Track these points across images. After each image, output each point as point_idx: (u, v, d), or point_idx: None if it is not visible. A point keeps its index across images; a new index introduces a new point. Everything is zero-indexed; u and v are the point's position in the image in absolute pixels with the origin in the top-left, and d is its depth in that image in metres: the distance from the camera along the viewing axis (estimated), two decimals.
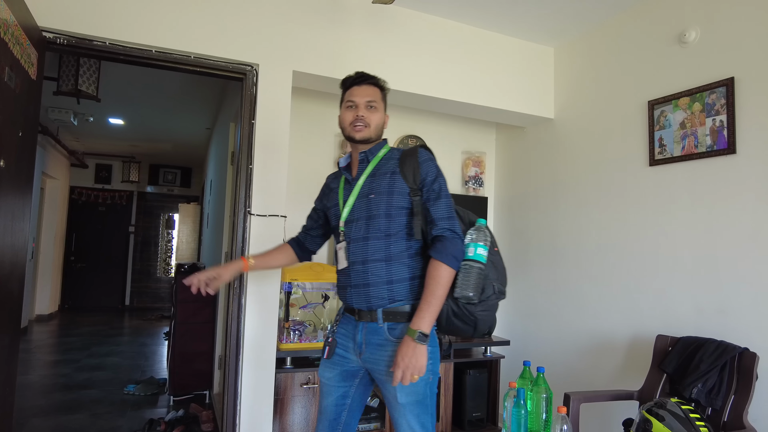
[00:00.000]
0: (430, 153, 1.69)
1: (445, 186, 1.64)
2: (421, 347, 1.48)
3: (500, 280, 1.64)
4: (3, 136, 1.73)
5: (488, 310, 1.60)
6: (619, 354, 2.71)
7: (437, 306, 1.52)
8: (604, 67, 2.93)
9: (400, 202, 1.61)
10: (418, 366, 1.47)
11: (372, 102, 1.69)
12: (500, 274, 1.65)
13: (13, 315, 1.96)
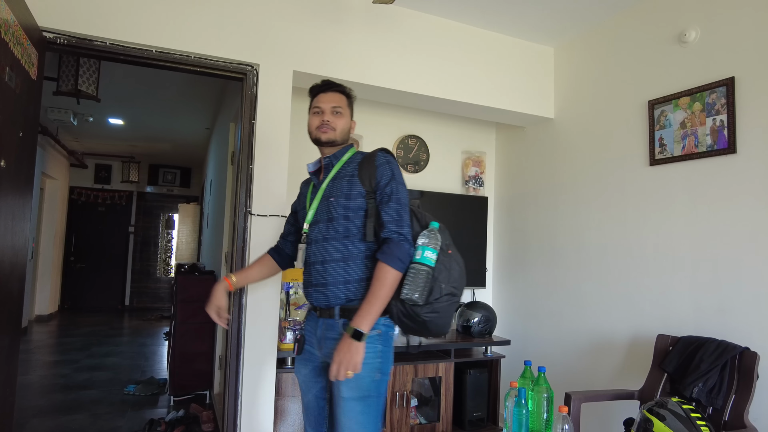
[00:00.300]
0: (389, 156, 1.72)
1: (398, 189, 1.67)
2: (357, 344, 1.52)
3: (452, 282, 1.64)
4: (3, 137, 1.73)
5: (437, 312, 1.60)
6: (618, 354, 2.71)
7: (378, 306, 1.55)
8: (604, 67, 2.93)
9: (357, 204, 1.66)
10: (353, 362, 1.51)
11: (337, 108, 1.77)
12: (453, 276, 1.64)
13: (13, 315, 1.96)
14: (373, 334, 1.58)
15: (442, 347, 3.02)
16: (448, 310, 1.64)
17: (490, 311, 3.25)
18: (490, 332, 3.24)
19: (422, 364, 2.93)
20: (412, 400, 2.94)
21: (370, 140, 3.44)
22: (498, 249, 3.74)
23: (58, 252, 7.81)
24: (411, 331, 1.69)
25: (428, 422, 3.00)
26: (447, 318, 1.65)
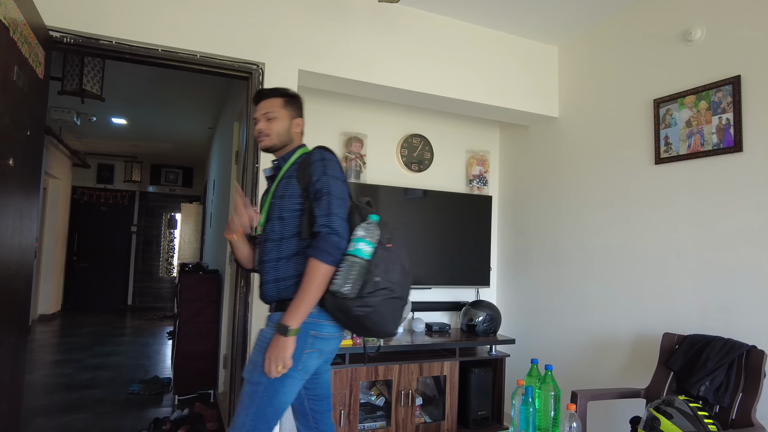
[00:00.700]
0: (324, 153, 1.70)
1: (329, 184, 1.63)
2: (284, 339, 1.51)
3: (389, 277, 1.57)
4: (11, 136, 1.73)
5: (369, 306, 1.54)
6: (622, 352, 2.71)
7: (307, 301, 1.54)
8: (609, 66, 2.93)
9: (292, 204, 1.67)
10: (280, 357, 1.50)
11: (268, 113, 1.76)
12: (390, 271, 1.59)
13: (20, 314, 1.97)
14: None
15: (446, 346, 3.02)
16: (385, 306, 1.56)
17: (495, 310, 3.26)
18: (495, 331, 3.24)
19: (427, 363, 2.93)
20: (417, 398, 2.94)
21: (374, 139, 3.44)
22: (502, 248, 3.74)
23: (60, 252, 7.82)
24: (349, 327, 1.65)
25: (433, 421, 3.01)
26: (384, 315, 1.58)
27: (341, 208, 1.62)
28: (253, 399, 1.57)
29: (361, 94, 2.96)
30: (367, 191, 3.24)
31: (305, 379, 1.64)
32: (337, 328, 1.66)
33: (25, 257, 1.98)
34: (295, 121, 1.82)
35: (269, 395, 1.56)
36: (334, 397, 2.69)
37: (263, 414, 1.57)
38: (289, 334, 1.52)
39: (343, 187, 1.67)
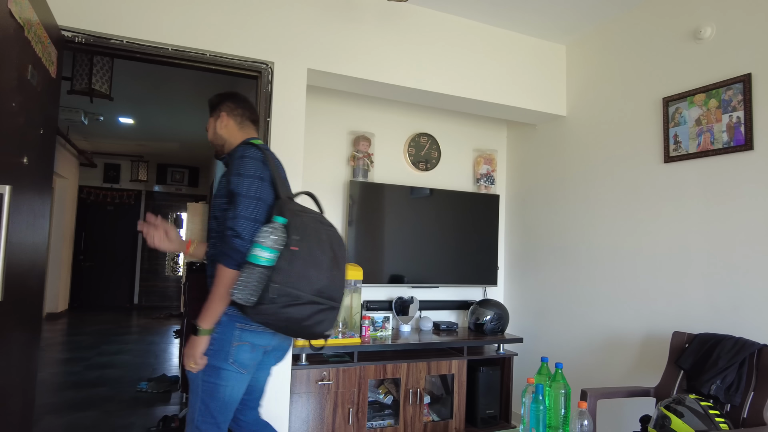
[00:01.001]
0: (246, 149, 1.66)
1: (240, 183, 1.59)
2: (194, 339, 1.57)
3: (292, 282, 1.50)
4: (25, 134, 1.75)
5: (266, 314, 1.48)
6: (631, 351, 2.71)
7: (214, 303, 1.56)
8: (617, 64, 2.92)
9: (221, 204, 1.67)
10: (190, 354, 1.57)
11: (206, 126, 1.91)
12: (290, 276, 1.50)
13: (33, 311, 1.98)
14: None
15: (454, 345, 3.03)
16: (290, 312, 1.50)
17: (503, 309, 3.26)
18: (503, 330, 3.24)
19: (435, 361, 2.93)
20: (425, 397, 2.94)
21: (382, 138, 3.45)
22: (509, 247, 3.74)
23: (67, 251, 7.86)
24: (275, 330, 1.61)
25: (441, 419, 3.01)
26: (291, 321, 1.52)
27: (250, 209, 1.57)
28: (196, 395, 1.62)
29: (370, 93, 2.96)
30: (374, 190, 3.25)
31: (246, 372, 1.64)
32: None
33: (38, 255, 1.99)
34: (218, 121, 1.84)
35: (209, 390, 1.60)
36: (344, 395, 2.70)
37: (208, 409, 1.61)
38: (199, 333, 1.57)
39: (257, 187, 1.60)
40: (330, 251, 1.61)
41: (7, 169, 1.57)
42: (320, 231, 1.61)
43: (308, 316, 1.55)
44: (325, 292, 1.58)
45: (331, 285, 1.60)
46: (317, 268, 1.56)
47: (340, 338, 2.76)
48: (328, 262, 1.59)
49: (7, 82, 1.52)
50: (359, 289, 2.90)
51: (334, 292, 1.62)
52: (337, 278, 1.63)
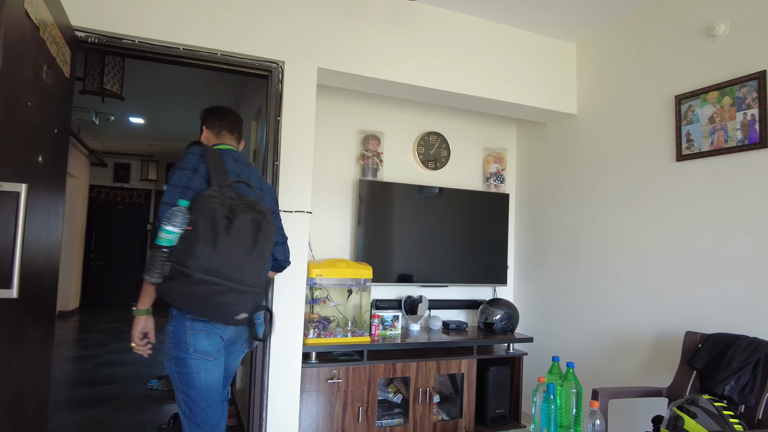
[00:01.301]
0: (191, 147, 1.82)
1: (173, 174, 1.75)
2: (134, 319, 1.72)
3: (184, 261, 1.58)
4: (40, 133, 1.77)
5: (173, 293, 1.61)
6: (642, 351, 2.69)
7: (143, 287, 1.70)
8: (629, 62, 2.90)
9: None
10: (132, 334, 1.73)
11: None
12: (181, 254, 1.59)
13: (48, 307, 2.00)
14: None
15: (464, 344, 3.02)
16: (191, 292, 1.58)
17: (512, 308, 3.25)
18: (513, 329, 3.23)
19: (445, 360, 2.93)
20: (434, 396, 2.94)
21: (391, 137, 3.45)
22: (519, 246, 3.72)
23: (78, 250, 7.93)
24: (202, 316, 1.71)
25: (451, 419, 3.00)
26: (194, 300, 1.60)
27: (173, 197, 1.70)
28: (177, 388, 1.74)
29: (379, 91, 2.96)
30: (383, 189, 3.25)
31: (213, 358, 1.73)
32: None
33: (52, 253, 2.01)
34: (202, 133, 2.05)
35: (184, 381, 1.71)
36: (353, 393, 2.70)
37: (189, 398, 1.72)
38: (134, 314, 1.72)
39: (186, 177, 1.73)
40: (248, 237, 1.65)
41: (23, 168, 1.58)
42: (240, 217, 1.65)
43: (209, 296, 1.59)
44: (225, 273, 1.60)
45: (238, 267, 1.62)
46: (219, 249, 1.59)
47: (349, 337, 2.76)
48: (241, 246, 1.63)
49: (23, 81, 1.54)
50: (368, 287, 2.91)
51: (243, 275, 1.63)
52: (248, 262, 1.64)
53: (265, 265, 1.72)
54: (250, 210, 1.70)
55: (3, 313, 1.46)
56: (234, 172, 1.89)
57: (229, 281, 1.61)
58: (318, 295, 2.80)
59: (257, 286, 1.69)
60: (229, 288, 1.61)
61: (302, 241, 2.51)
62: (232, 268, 1.61)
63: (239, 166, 1.93)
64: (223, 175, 1.78)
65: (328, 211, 3.26)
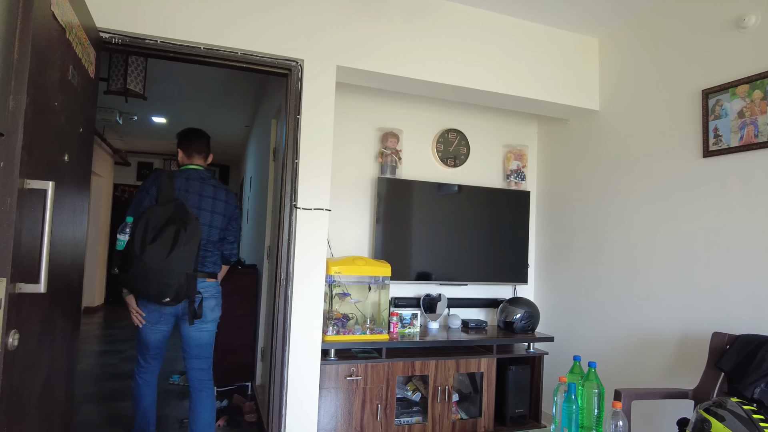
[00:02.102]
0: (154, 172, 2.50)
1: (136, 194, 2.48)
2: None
3: (124, 260, 2.28)
4: (66, 133, 1.80)
5: (124, 280, 2.31)
6: (667, 352, 2.63)
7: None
8: (653, 56, 2.84)
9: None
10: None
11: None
12: (125, 256, 2.29)
13: (74, 304, 2.05)
14: None
15: (483, 343, 3.00)
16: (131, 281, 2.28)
17: (533, 307, 3.21)
18: (533, 329, 3.19)
19: (464, 359, 2.91)
20: (453, 395, 2.93)
21: (410, 134, 3.44)
22: (540, 244, 3.68)
23: (103, 247, 8.11)
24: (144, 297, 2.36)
25: (470, 417, 2.99)
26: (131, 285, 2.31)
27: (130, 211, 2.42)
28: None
29: (398, 89, 2.95)
30: (402, 187, 3.24)
31: (147, 323, 2.50)
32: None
33: (78, 249, 2.06)
34: (179, 155, 2.67)
35: (137, 335, 2.59)
36: (372, 391, 2.71)
37: (137, 344, 2.61)
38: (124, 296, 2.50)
39: (140, 196, 2.45)
40: (168, 245, 2.22)
41: (50, 166, 1.62)
42: (167, 230, 2.25)
43: (143, 285, 2.26)
44: (152, 270, 2.21)
45: (159, 267, 2.22)
46: (145, 253, 2.21)
47: (368, 334, 2.77)
48: (162, 252, 2.21)
49: (50, 82, 1.57)
50: (387, 285, 2.91)
51: (165, 272, 2.23)
52: (168, 264, 2.22)
53: (186, 264, 2.27)
54: (178, 221, 2.27)
55: (32, 306, 1.50)
56: (183, 188, 2.49)
57: (155, 275, 2.22)
58: (339, 291, 2.81)
59: (177, 279, 2.25)
60: (154, 280, 2.23)
61: (321, 239, 2.52)
62: (155, 268, 2.21)
63: (190, 183, 2.52)
64: (168, 194, 2.39)
65: (346, 208, 3.27)
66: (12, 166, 1.33)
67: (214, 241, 2.57)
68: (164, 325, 2.53)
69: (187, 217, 2.31)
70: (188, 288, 2.33)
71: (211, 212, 2.55)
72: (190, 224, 2.29)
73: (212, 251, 2.58)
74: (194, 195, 2.51)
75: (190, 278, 2.32)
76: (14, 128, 1.35)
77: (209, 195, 2.55)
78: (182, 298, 2.34)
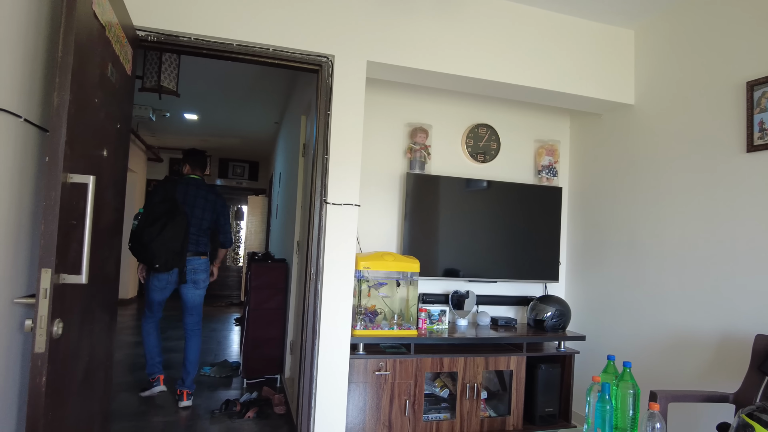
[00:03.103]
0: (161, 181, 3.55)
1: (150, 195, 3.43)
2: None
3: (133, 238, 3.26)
4: (105, 128, 1.85)
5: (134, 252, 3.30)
6: (705, 353, 2.55)
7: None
8: (693, 47, 2.74)
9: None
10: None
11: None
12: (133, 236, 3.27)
13: (111, 294, 2.11)
14: None
15: (513, 341, 2.96)
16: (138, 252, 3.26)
17: (564, 305, 3.15)
18: (564, 327, 3.14)
19: (493, 356, 2.88)
20: (482, 392, 2.90)
21: (439, 130, 3.41)
22: (572, 241, 3.61)
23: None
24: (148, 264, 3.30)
25: (498, 415, 2.96)
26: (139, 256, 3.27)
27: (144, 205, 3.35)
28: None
29: (428, 83, 2.93)
30: (431, 182, 3.22)
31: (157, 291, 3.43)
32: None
33: (115, 243, 2.11)
34: (185, 167, 3.66)
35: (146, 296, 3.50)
36: (400, 386, 2.71)
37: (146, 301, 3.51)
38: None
39: (148, 197, 3.42)
40: (158, 230, 3.15)
41: (91, 161, 1.67)
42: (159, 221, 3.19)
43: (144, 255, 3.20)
44: (149, 245, 3.14)
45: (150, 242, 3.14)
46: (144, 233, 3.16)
47: (396, 330, 2.77)
48: (154, 234, 3.14)
49: (91, 79, 1.62)
50: (416, 281, 2.90)
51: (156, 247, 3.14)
52: (158, 242, 3.14)
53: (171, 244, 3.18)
54: (168, 214, 3.21)
55: (74, 297, 1.55)
56: (183, 192, 3.45)
57: (150, 248, 3.14)
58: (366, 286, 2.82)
59: (164, 253, 3.16)
60: (148, 252, 3.15)
61: (350, 234, 2.53)
62: (148, 244, 3.14)
63: (189, 188, 3.48)
64: (167, 196, 3.32)
65: (375, 204, 3.27)
66: (56, 160, 1.38)
67: (205, 229, 3.51)
68: (167, 291, 3.48)
69: (176, 212, 3.24)
70: (174, 260, 3.22)
71: (202, 209, 3.49)
72: (177, 217, 3.22)
73: (203, 236, 3.50)
74: (191, 197, 3.47)
75: (176, 254, 3.22)
76: (58, 124, 1.39)
77: (202, 196, 3.52)
78: (170, 267, 3.22)
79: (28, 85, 1.61)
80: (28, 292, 1.66)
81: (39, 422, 1.32)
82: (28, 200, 1.66)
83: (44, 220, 1.35)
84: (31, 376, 1.32)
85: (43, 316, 1.33)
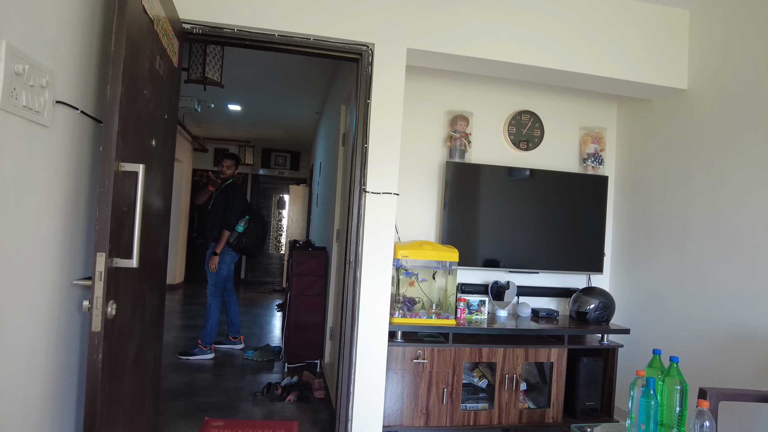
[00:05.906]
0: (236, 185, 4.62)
1: (233, 201, 4.46)
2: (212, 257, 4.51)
3: (241, 236, 4.45)
4: (154, 119, 1.93)
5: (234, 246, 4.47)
6: (762, 351, 2.42)
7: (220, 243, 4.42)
8: (753, 28, 2.57)
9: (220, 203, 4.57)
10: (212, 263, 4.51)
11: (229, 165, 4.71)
12: (243, 235, 4.45)
13: (160, 279, 2.21)
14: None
15: (554, 333, 2.91)
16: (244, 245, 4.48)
17: (608, 298, 3.07)
18: (608, 320, 3.05)
19: (533, 348, 2.85)
20: (521, 383, 2.87)
21: (480, 117, 3.36)
22: (618, 233, 3.49)
23: (183, 229, 8.64)
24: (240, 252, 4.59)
25: (537, 408, 2.92)
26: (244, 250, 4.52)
27: (234, 211, 4.37)
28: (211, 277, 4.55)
29: (469, 70, 2.89)
30: (471, 171, 3.19)
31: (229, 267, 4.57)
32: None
33: (164, 229, 2.20)
34: (236, 169, 4.70)
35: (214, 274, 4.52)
36: (438, 375, 2.72)
37: (213, 280, 4.55)
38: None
39: (238, 202, 4.41)
40: (260, 227, 4.52)
41: (141, 150, 1.74)
42: (260, 220, 4.57)
43: (247, 248, 4.46)
44: (250, 242, 4.43)
45: (256, 240, 4.49)
46: (256, 234, 4.47)
47: (434, 318, 2.77)
48: (260, 233, 4.51)
49: (141, 71, 1.68)
50: (454, 271, 2.88)
51: (254, 242, 4.47)
52: (260, 239, 4.52)
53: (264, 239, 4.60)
54: (262, 217, 4.61)
55: (126, 281, 1.63)
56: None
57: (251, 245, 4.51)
58: (404, 276, 2.83)
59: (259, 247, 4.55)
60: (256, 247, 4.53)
61: (389, 223, 2.54)
62: (257, 241, 4.53)
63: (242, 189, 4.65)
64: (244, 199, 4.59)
65: (414, 193, 3.27)
66: (109, 150, 1.44)
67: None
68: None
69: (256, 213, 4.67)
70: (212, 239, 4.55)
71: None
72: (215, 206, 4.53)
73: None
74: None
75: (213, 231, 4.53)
76: (111, 115, 1.46)
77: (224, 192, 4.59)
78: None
79: (83, 78, 1.69)
80: (85, 275, 1.75)
81: (97, 396, 1.40)
82: (85, 188, 1.75)
83: (99, 207, 1.42)
84: (89, 353, 1.40)
85: (99, 297, 1.40)
